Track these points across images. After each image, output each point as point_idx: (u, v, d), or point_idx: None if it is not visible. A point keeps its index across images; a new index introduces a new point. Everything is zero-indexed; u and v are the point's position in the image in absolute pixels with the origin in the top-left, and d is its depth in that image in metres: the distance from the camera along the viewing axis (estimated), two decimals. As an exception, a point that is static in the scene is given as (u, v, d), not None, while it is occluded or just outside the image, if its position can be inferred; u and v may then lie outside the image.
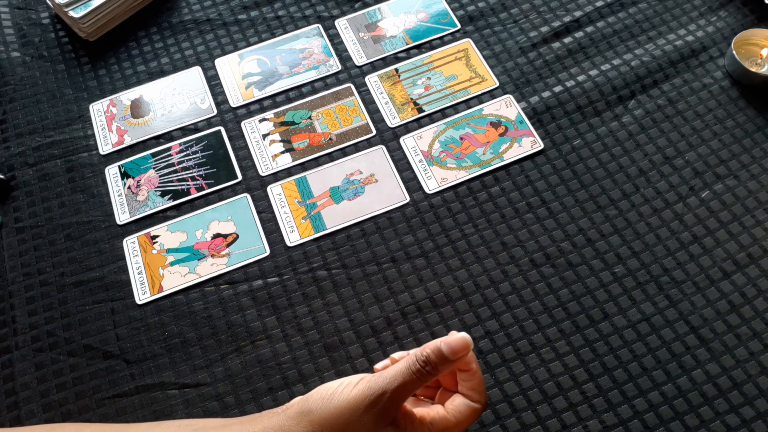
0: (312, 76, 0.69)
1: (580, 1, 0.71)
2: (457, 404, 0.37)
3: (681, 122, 0.64)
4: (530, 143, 0.63)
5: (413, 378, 0.35)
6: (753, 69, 0.64)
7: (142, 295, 0.58)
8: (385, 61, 0.69)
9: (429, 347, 0.35)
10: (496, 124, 0.65)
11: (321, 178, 0.63)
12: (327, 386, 0.36)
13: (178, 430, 0.40)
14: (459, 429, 0.36)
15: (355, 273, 0.58)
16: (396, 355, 0.40)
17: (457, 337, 0.35)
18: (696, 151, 0.62)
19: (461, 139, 0.64)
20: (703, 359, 0.53)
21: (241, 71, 0.69)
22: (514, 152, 0.63)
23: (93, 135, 0.66)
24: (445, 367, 0.35)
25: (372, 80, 0.68)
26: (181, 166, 0.64)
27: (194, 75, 0.69)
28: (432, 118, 0.66)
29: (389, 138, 0.65)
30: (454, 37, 0.70)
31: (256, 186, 0.63)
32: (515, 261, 0.58)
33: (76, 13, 0.68)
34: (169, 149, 0.65)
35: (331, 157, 0.64)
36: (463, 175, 0.62)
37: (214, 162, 0.64)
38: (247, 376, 0.54)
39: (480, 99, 0.66)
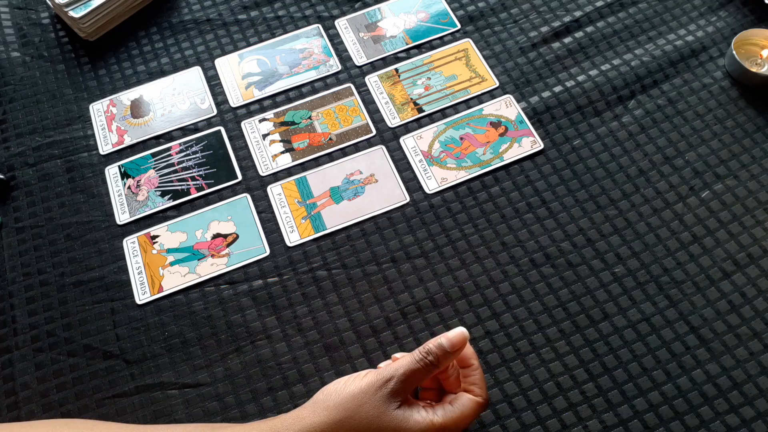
0: (312, 76, 0.69)
1: (580, 1, 0.71)
2: (461, 399, 0.40)
3: (681, 122, 0.64)
4: (530, 143, 0.63)
5: (418, 366, 0.39)
6: (753, 69, 0.64)
7: (142, 295, 0.58)
8: (385, 61, 0.69)
9: (432, 342, 0.40)
10: (496, 124, 0.65)
11: (321, 178, 0.63)
12: (338, 380, 0.40)
13: (194, 428, 0.42)
14: (463, 422, 0.39)
15: (355, 273, 0.58)
16: (398, 355, 0.44)
17: (456, 332, 0.40)
18: (696, 151, 0.62)
19: (461, 139, 0.64)
20: (703, 359, 0.53)
21: (241, 71, 0.69)
22: (514, 152, 0.63)
23: (93, 135, 0.66)
24: (446, 358, 0.39)
25: (372, 80, 0.68)
26: (181, 166, 0.64)
27: (194, 75, 0.69)
28: (432, 118, 0.66)
29: (389, 138, 0.65)
30: (454, 37, 0.70)
31: (256, 186, 0.63)
32: (515, 261, 0.58)
33: (76, 13, 0.68)
34: (169, 149, 0.65)
35: (331, 157, 0.64)
36: (463, 175, 0.62)
37: (214, 162, 0.64)
38: (247, 376, 0.54)
39: (480, 99, 0.66)
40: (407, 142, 0.64)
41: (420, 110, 0.66)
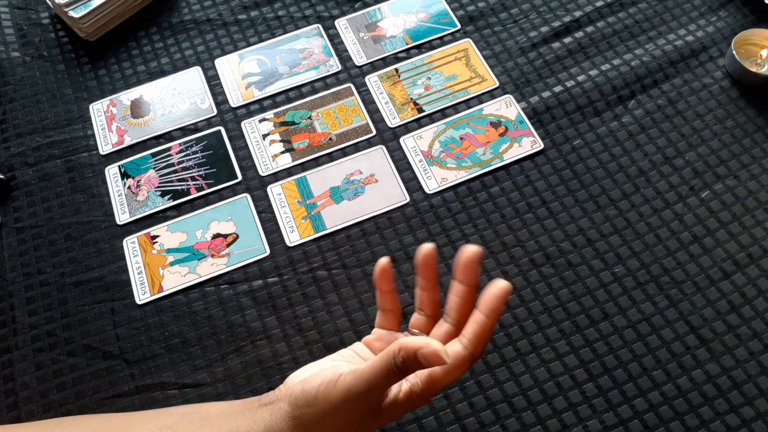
0: (312, 76, 0.69)
1: (580, 1, 0.71)
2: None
3: (681, 122, 0.64)
4: (530, 143, 0.63)
5: (390, 379, 0.34)
6: (753, 69, 0.64)
7: (142, 295, 0.58)
8: (385, 61, 0.69)
9: (405, 353, 0.33)
10: (496, 124, 0.65)
11: (321, 178, 0.63)
12: (310, 386, 0.36)
13: (182, 419, 0.40)
14: (448, 378, 0.36)
15: (355, 273, 0.58)
16: (377, 334, 0.42)
17: (430, 350, 0.33)
18: (696, 151, 0.62)
19: (461, 139, 0.64)
20: (703, 359, 0.53)
21: (241, 71, 0.69)
22: (514, 152, 0.63)
23: (93, 135, 0.66)
24: (419, 369, 0.34)
25: (372, 80, 0.68)
26: (181, 166, 0.64)
27: (194, 75, 0.69)
28: (432, 118, 0.66)
29: (389, 138, 0.65)
30: (454, 37, 0.70)
31: (256, 186, 0.63)
32: (515, 261, 0.58)
33: (76, 13, 0.68)
34: (169, 149, 0.65)
35: (331, 157, 0.64)
36: (463, 175, 0.62)
37: (214, 162, 0.64)
38: (247, 376, 0.54)
39: (480, 99, 0.66)
40: (407, 142, 0.64)
41: (420, 110, 0.66)
